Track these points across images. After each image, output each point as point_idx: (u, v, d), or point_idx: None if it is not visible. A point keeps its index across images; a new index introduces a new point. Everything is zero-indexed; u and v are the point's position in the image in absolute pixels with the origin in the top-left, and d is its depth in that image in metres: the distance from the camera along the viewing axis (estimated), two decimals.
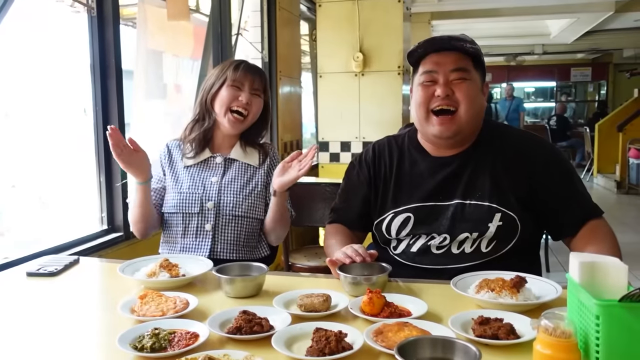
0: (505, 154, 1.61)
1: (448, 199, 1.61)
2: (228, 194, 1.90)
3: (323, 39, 4.51)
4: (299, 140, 4.63)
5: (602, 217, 1.58)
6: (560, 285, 1.33)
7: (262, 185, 1.95)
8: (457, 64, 1.56)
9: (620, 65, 14.68)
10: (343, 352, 1.02)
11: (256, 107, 1.92)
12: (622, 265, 0.96)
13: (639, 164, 8.01)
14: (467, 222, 1.57)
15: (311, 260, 3.05)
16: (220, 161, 1.94)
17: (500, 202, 1.56)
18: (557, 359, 0.92)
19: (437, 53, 1.58)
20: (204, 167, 1.94)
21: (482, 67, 1.62)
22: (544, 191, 1.57)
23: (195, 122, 1.96)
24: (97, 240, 2.28)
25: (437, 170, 1.64)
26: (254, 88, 1.90)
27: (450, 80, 1.56)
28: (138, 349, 1.07)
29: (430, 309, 1.25)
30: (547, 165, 1.60)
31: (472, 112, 1.56)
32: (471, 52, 1.58)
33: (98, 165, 2.35)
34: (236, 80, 1.88)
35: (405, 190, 1.67)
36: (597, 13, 7.88)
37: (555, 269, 4.38)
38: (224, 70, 1.91)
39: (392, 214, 1.66)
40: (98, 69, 2.31)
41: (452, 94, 1.55)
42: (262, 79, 1.95)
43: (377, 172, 1.74)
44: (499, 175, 1.58)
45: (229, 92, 1.88)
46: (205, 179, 1.92)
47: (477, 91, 1.59)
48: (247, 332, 1.12)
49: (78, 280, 1.61)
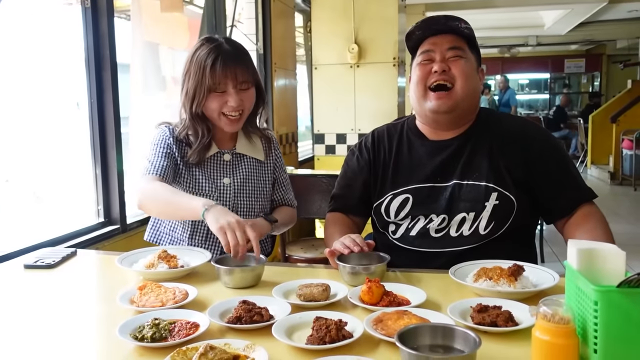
0: (502, 137, 1.65)
1: (446, 180, 1.64)
2: (242, 197, 1.81)
3: (318, 31, 4.50)
4: (295, 133, 4.63)
5: (594, 202, 1.62)
6: (557, 274, 1.34)
7: (270, 184, 1.91)
8: (453, 44, 1.62)
9: (614, 57, 14.72)
10: (343, 340, 1.03)
11: (249, 101, 1.77)
12: (620, 251, 0.97)
13: (633, 155, 8.05)
14: (464, 202, 1.60)
15: (308, 252, 3.06)
16: (229, 159, 1.83)
17: (497, 182, 1.59)
18: (555, 344, 0.93)
19: (434, 36, 1.64)
20: (213, 164, 1.81)
21: (477, 51, 1.68)
22: (539, 174, 1.61)
23: (188, 131, 1.78)
24: (93, 232, 2.28)
25: (435, 153, 1.68)
26: (240, 82, 1.72)
27: (446, 58, 1.61)
28: (138, 339, 1.07)
29: (428, 298, 1.25)
30: (542, 149, 1.63)
31: (467, 89, 1.61)
32: (466, 33, 1.64)
33: (94, 158, 2.34)
34: (218, 84, 1.69)
35: (404, 173, 1.70)
36: (591, 4, 7.90)
37: (550, 259, 4.40)
38: (201, 71, 1.68)
39: (391, 196, 1.69)
40: (92, 61, 2.30)
41: (448, 70, 1.60)
42: (246, 65, 1.73)
43: (376, 156, 1.76)
44: (495, 156, 1.62)
45: (214, 100, 1.71)
46: (217, 179, 1.80)
47: (473, 70, 1.64)
48: (247, 321, 1.13)
49: (76, 272, 1.61)
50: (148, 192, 1.67)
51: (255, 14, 3.99)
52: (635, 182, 8.07)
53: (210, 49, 1.70)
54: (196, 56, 1.71)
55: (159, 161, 1.73)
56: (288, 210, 1.97)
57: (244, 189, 1.82)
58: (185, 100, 1.75)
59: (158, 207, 1.68)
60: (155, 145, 1.78)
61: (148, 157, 1.77)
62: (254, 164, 1.87)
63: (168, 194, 1.62)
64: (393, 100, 4.37)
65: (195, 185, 1.78)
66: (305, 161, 4.84)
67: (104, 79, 2.33)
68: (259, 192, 1.86)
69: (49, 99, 2.50)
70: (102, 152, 2.34)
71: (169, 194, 1.62)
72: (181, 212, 1.62)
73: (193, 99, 1.71)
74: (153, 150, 1.77)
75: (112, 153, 2.35)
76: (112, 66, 2.33)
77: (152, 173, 1.71)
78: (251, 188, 1.84)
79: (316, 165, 4.64)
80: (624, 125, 8.54)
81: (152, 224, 1.90)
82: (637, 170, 8.07)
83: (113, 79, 2.34)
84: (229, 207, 1.78)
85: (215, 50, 1.70)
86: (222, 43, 1.73)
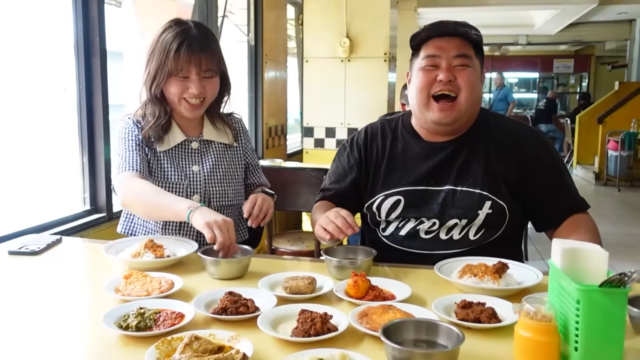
0: (499, 142, 1.62)
1: (439, 184, 1.62)
2: (213, 183, 1.78)
3: (310, 24, 4.48)
4: (284, 125, 4.62)
5: (587, 211, 1.60)
6: (540, 272, 1.36)
7: (242, 168, 1.89)
8: (460, 50, 1.56)
9: (602, 58, 14.87)
10: (328, 333, 1.03)
11: (211, 89, 1.73)
12: (603, 252, 0.99)
13: (617, 156, 8.15)
14: (457, 208, 1.58)
15: (294, 245, 3.07)
16: (197, 146, 1.80)
17: (491, 190, 1.58)
18: (537, 341, 0.94)
19: (440, 37, 1.57)
20: (181, 152, 1.78)
21: (482, 56, 1.63)
22: (534, 182, 1.59)
23: (147, 114, 1.75)
24: (79, 220, 2.26)
25: (429, 155, 1.65)
26: (203, 70, 1.68)
27: (452, 66, 1.55)
28: (123, 328, 1.06)
29: (414, 293, 1.26)
30: (538, 156, 1.61)
31: (472, 100, 1.57)
32: (474, 38, 1.58)
33: (81, 145, 2.32)
34: (180, 70, 1.65)
35: (396, 173, 1.67)
36: (581, 5, 7.96)
37: (533, 257, 4.46)
38: (164, 54, 1.65)
39: (383, 196, 1.67)
40: (82, 47, 2.27)
41: (454, 80, 1.55)
42: (212, 54, 1.69)
43: (368, 155, 1.73)
44: (491, 163, 1.60)
45: (175, 84, 1.67)
46: (186, 167, 1.77)
47: (478, 79, 1.59)
48: (232, 312, 1.13)
49: (61, 260, 1.60)
50: (132, 191, 1.65)
51: (247, 5, 3.97)
52: (619, 183, 8.17)
53: (177, 32, 1.66)
54: (162, 37, 1.68)
55: (131, 156, 1.70)
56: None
57: (215, 175, 1.79)
58: (146, 80, 1.71)
59: (143, 207, 1.66)
60: (123, 140, 1.73)
61: (118, 152, 1.73)
62: (222, 149, 1.85)
63: (153, 195, 1.61)
64: (383, 96, 4.38)
65: (164, 175, 1.75)
66: (293, 154, 4.84)
67: (93, 65, 2.31)
68: (230, 177, 1.83)
69: (35, 84, 2.47)
70: (89, 140, 2.32)
71: (154, 194, 1.61)
72: (165, 214, 1.61)
73: (153, 79, 1.69)
74: (122, 144, 1.73)
75: (100, 141, 2.33)
76: (102, 53, 2.31)
77: (128, 169, 1.67)
78: (222, 174, 1.81)
79: (305, 159, 4.64)
80: (610, 126, 8.63)
81: (125, 216, 1.86)
82: (621, 171, 8.17)
83: (102, 66, 2.31)
84: (201, 194, 1.76)
85: (181, 35, 1.66)
86: (190, 27, 1.69)
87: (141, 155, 1.71)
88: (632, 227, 5.93)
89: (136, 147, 1.71)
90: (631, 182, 8.27)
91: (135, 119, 1.77)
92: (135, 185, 1.64)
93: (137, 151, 1.71)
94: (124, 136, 1.74)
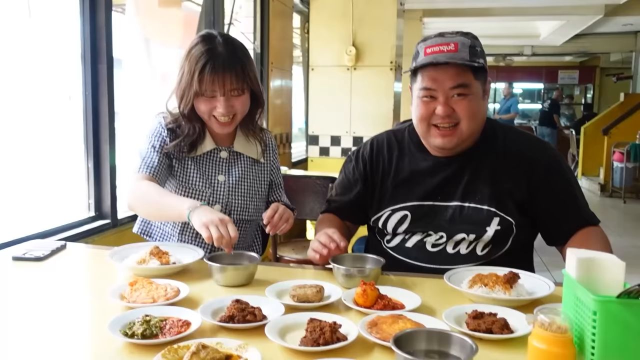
0: (507, 156, 1.59)
1: (447, 200, 1.59)
2: (237, 196, 1.77)
3: (316, 32, 4.49)
4: (289, 134, 4.61)
5: (598, 225, 1.57)
6: (552, 282, 1.33)
7: (266, 185, 1.87)
8: (456, 80, 1.49)
9: (607, 69, 14.85)
10: (338, 342, 1.01)
11: (241, 106, 1.70)
12: (620, 262, 0.97)
13: (623, 168, 8.11)
14: (465, 225, 1.56)
15: (299, 253, 3.04)
16: (226, 156, 1.79)
17: (499, 206, 1.55)
18: (552, 353, 0.92)
19: (435, 67, 1.50)
20: (209, 160, 1.77)
21: (484, 71, 1.55)
22: (543, 197, 1.56)
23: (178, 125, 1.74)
24: (84, 226, 2.25)
25: (437, 170, 1.62)
26: (230, 90, 1.64)
27: (450, 97, 1.51)
28: (129, 336, 1.05)
29: (423, 302, 1.24)
30: (549, 170, 1.58)
31: (474, 126, 1.55)
32: (468, 65, 1.49)
33: (86, 152, 2.32)
34: (205, 91, 1.63)
35: (403, 187, 1.64)
36: (587, 16, 7.96)
37: (539, 268, 4.42)
38: (190, 75, 1.63)
39: (390, 212, 1.64)
40: (89, 54, 2.27)
41: (452, 113, 1.51)
42: (237, 72, 1.64)
43: (374, 168, 1.71)
44: (499, 177, 1.57)
45: (204, 103, 1.66)
46: (212, 176, 1.76)
47: (479, 103, 1.54)
48: (240, 321, 1.11)
49: (65, 266, 1.58)
50: (137, 193, 1.65)
51: (254, 13, 3.98)
52: (624, 195, 8.13)
53: (203, 51, 1.62)
54: (190, 55, 1.65)
55: (151, 158, 1.70)
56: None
57: (239, 187, 1.78)
58: (177, 96, 1.71)
59: (146, 209, 1.67)
60: (149, 139, 1.73)
61: (141, 151, 1.72)
62: (250, 163, 1.83)
63: (155, 196, 1.60)
64: (389, 104, 4.37)
65: (188, 181, 1.74)
66: (298, 162, 4.83)
67: (100, 72, 2.31)
68: (254, 192, 1.82)
69: (41, 90, 2.46)
70: (95, 146, 2.31)
71: (156, 196, 1.60)
72: (167, 214, 1.61)
73: (182, 98, 1.68)
74: (147, 144, 1.73)
75: (105, 147, 2.32)
76: (109, 60, 2.31)
77: (144, 171, 1.67)
78: (246, 187, 1.80)
79: (309, 167, 4.63)
80: (615, 137, 8.60)
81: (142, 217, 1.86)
82: (627, 182, 8.13)
83: (109, 73, 2.31)
84: (223, 205, 1.75)
85: (207, 54, 1.62)
86: (216, 45, 1.64)
87: (161, 159, 1.70)
88: (638, 239, 5.88)
89: (159, 150, 1.71)
90: (637, 194, 8.22)
91: (167, 120, 1.76)
92: (140, 187, 1.64)
93: (159, 154, 1.70)
94: (152, 135, 1.74)
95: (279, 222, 1.64)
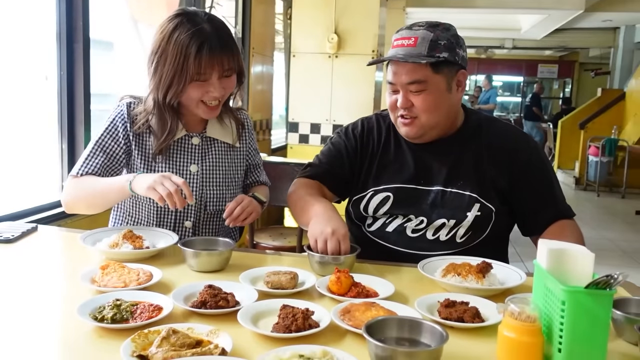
0: (492, 146, 1.62)
1: (429, 184, 1.61)
2: (212, 186, 1.68)
3: (298, 18, 4.45)
4: (269, 120, 4.59)
5: (573, 219, 1.61)
6: (524, 273, 1.35)
7: (242, 171, 1.80)
8: (412, 77, 1.51)
9: (586, 65, 15.06)
10: (310, 329, 1.01)
11: (231, 88, 1.62)
12: (589, 253, 0.98)
13: (598, 162, 8.25)
14: (446, 209, 1.58)
15: (276, 240, 3.04)
16: (198, 142, 1.67)
17: (480, 192, 1.57)
18: (521, 342, 0.93)
19: (395, 62, 1.53)
20: (179, 149, 1.66)
21: (449, 63, 1.52)
22: (524, 189, 1.59)
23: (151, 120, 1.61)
24: (56, 209, 2.21)
25: (421, 154, 1.64)
26: (225, 70, 1.56)
27: (408, 91, 1.53)
28: (98, 320, 1.03)
29: (397, 291, 1.25)
30: (529, 162, 1.61)
31: (432, 120, 1.56)
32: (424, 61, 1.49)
33: (60, 133, 2.27)
34: (202, 74, 1.53)
35: (387, 170, 1.66)
36: (568, 11, 8.04)
37: (513, 259, 4.49)
38: (182, 58, 1.50)
39: (372, 192, 1.65)
40: (64, 33, 2.22)
41: (411, 106, 1.54)
42: (232, 51, 1.57)
43: (364, 147, 1.71)
44: (482, 166, 1.59)
45: (195, 89, 1.55)
46: (182, 166, 1.65)
47: (439, 96, 1.54)
48: (212, 306, 1.10)
49: (36, 249, 1.55)
50: (70, 190, 1.58)
51: None
52: (598, 188, 8.28)
53: (193, 32, 1.50)
54: (175, 38, 1.51)
55: (94, 159, 1.59)
56: (265, 188, 1.87)
57: (214, 177, 1.69)
58: (159, 87, 1.56)
59: (84, 201, 1.59)
60: (101, 133, 1.62)
61: (90, 145, 1.62)
62: (225, 149, 1.74)
63: (91, 186, 1.55)
64: (370, 93, 4.36)
65: (153, 166, 1.64)
66: (278, 149, 4.81)
67: (76, 51, 2.26)
68: (229, 180, 1.73)
69: (16, 70, 2.40)
70: (69, 127, 2.27)
71: (92, 186, 1.55)
72: (110, 196, 1.56)
73: (169, 87, 1.54)
74: (97, 140, 1.61)
75: (80, 128, 2.28)
76: (85, 39, 2.26)
77: (79, 174, 1.58)
78: (221, 176, 1.71)
79: (289, 154, 4.61)
80: (591, 132, 8.74)
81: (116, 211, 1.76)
82: (601, 176, 8.28)
83: (85, 53, 2.26)
84: (197, 197, 1.66)
85: (199, 35, 1.51)
86: (204, 25, 1.53)
87: (104, 162, 1.60)
88: (610, 232, 6.01)
89: (109, 149, 1.61)
90: (610, 188, 8.38)
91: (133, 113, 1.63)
92: (75, 184, 1.57)
93: (106, 154, 1.60)
94: (107, 127, 1.62)
95: (240, 214, 1.58)
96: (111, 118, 1.64)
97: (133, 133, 1.63)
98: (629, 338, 1.05)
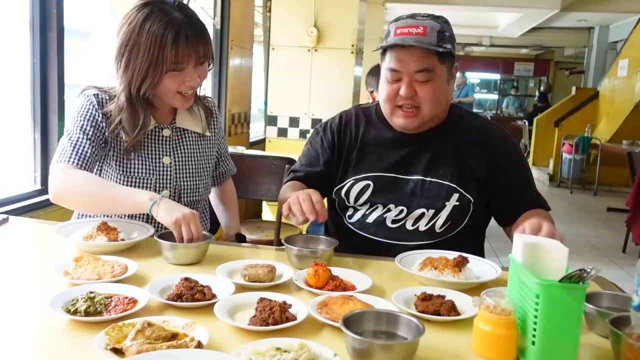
0: (470, 137, 1.65)
1: (409, 174, 1.63)
2: (185, 178, 1.65)
3: (278, 11, 4.43)
4: (247, 113, 4.55)
5: (548, 213, 1.64)
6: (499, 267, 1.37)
7: (213, 159, 1.80)
8: (421, 65, 1.51)
9: (561, 63, 15.32)
10: (287, 322, 1.01)
11: (204, 76, 1.60)
12: (563, 247, 0.99)
13: (572, 159, 8.39)
14: (425, 199, 1.60)
15: (253, 234, 3.03)
16: (169, 134, 1.64)
17: (459, 182, 1.60)
18: (496, 335, 0.95)
19: (402, 48, 1.52)
20: (151, 142, 1.62)
21: (452, 56, 1.57)
22: (500, 182, 1.62)
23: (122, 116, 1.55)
24: (28, 200, 2.16)
25: (401, 144, 1.65)
26: (200, 57, 1.53)
27: (414, 80, 1.53)
28: (71, 312, 1.01)
29: (374, 284, 1.25)
30: (507, 155, 1.65)
31: (435, 110, 1.58)
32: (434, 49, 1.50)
33: (33, 122, 2.22)
34: (180, 63, 1.49)
35: (367, 158, 1.68)
36: (544, 10, 8.16)
37: (488, 254, 4.55)
38: (157, 48, 1.46)
39: (352, 181, 1.67)
40: (37, 20, 2.17)
41: (415, 95, 1.54)
42: (206, 38, 1.54)
43: (342, 139, 1.73)
44: (461, 156, 1.62)
45: (171, 79, 1.51)
46: (155, 159, 1.61)
47: (442, 87, 1.56)
48: (188, 299, 1.09)
49: (7, 240, 1.52)
50: (68, 183, 1.48)
51: None
52: (571, 185, 8.44)
53: (166, 22, 1.47)
54: (147, 28, 1.46)
55: (83, 146, 1.51)
56: (232, 188, 1.96)
57: (187, 168, 1.66)
58: (132, 80, 1.51)
59: (86, 201, 1.51)
60: (79, 121, 1.54)
61: (70, 134, 1.54)
62: (196, 138, 1.71)
63: (98, 187, 1.48)
64: (349, 87, 4.37)
65: (129, 168, 1.59)
66: (256, 143, 4.78)
67: (49, 40, 2.21)
68: (202, 170, 1.71)
69: None
70: (42, 117, 2.22)
71: (99, 187, 1.48)
72: (121, 207, 1.49)
73: (143, 80, 1.49)
74: (77, 128, 1.53)
75: (54, 118, 2.23)
76: (59, 27, 2.21)
77: (74, 162, 1.49)
78: (194, 167, 1.68)
79: (267, 147, 4.59)
80: (565, 129, 8.88)
81: None
82: (574, 174, 8.43)
83: (59, 41, 2.21)
84: (171, 190, 1.63)
85: (173, 24, 1.47)
86: (176, 14, 1.50)
87: (93, 149, 1.53)
88: (582, 228, 6.12)
89: (92, 135, 1.53)
90: (583, 185, 8.54)
91: (102, 96, 1.58)
92: (74, 177, 1.48)
93: (90, 141, 1.53)
94: (82, 116, 1.55)
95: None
96: (85, 108, 1.57)
97: (105, 121, 1.57)
98: (600, 331, 1.07)
